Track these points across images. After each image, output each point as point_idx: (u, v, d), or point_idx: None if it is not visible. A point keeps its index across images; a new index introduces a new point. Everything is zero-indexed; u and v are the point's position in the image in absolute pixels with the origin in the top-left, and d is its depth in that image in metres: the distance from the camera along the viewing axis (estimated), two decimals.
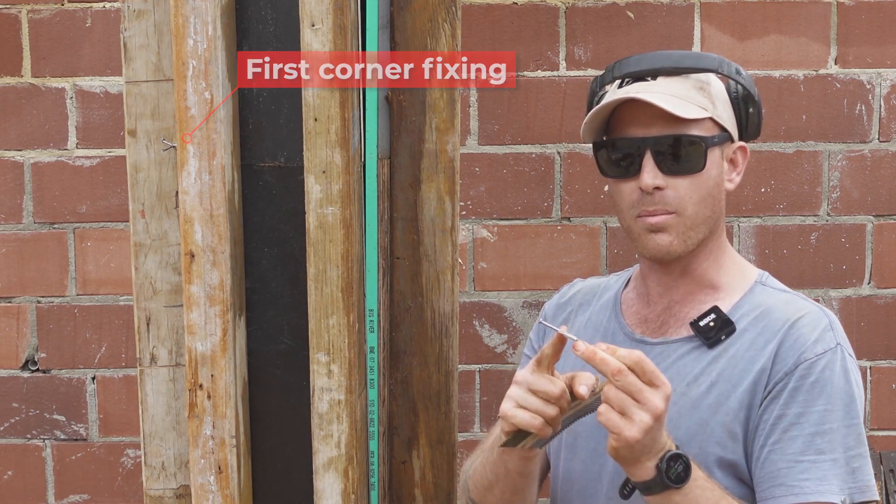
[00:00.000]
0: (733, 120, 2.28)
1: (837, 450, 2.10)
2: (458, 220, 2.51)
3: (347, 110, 2.21)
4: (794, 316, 2.19)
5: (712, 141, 2.23)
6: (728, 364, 2.19)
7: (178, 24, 2.18)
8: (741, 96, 2.29)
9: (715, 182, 2.25)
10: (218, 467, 2.29)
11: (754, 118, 2.30)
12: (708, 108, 2.23)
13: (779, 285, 2.30)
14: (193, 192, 2.22)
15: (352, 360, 2.28)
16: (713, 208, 2.25)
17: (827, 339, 2.16)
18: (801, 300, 2.25)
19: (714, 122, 2.24)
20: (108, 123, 3.82)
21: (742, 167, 2.31)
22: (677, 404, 2.16)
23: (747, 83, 2.28)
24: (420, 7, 2.43)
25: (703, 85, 2.26)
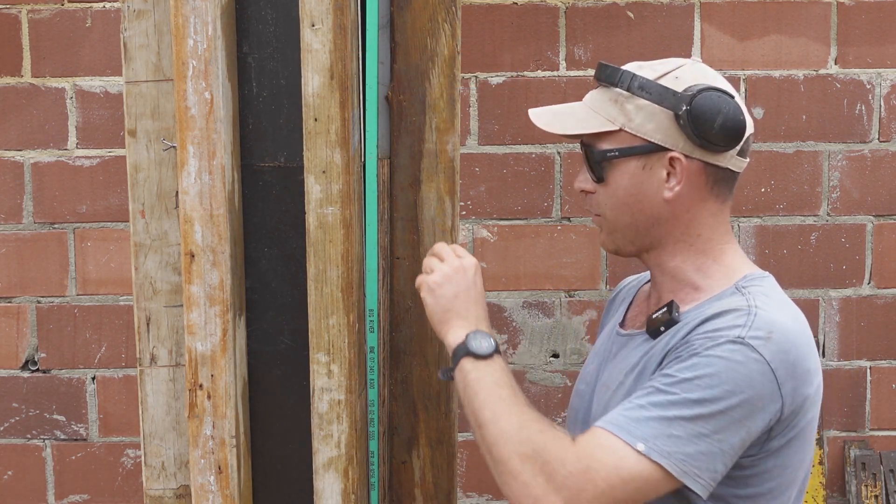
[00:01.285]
0: (675, 130, 2.20)
1: (669, 412, 2.05)
2: (458, 220, 2.51)
3: (347, 110, 2.21)
4: (717, 311, 2.17)
5: (612, 154, 2.23)
6: (654, 353, 2.22)
7: (178, 24, 2.18)
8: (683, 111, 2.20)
9: (628, 192, 2.24)
10: (218, 467, 2.29)
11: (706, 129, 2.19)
12: (616, 121, 2.22)
13: (758, 292, 2.23)
14: (193, 192, 2.22)
15: (352, 360, 2.28)
16: (635, 216, 2.25)
17: (731, 332, 2.10)
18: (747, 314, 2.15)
19: (629, 133, 2.22)
20: (108, 123, 3.82)
21: (682, 176, 2.21)
22: (616, 393, 2.25)
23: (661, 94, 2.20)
24: (420, 7, 2.43)
25: (619, 97, 2.23)
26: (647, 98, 2.21)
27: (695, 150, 2.21)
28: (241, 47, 2.26)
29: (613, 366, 2.31)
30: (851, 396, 3.96)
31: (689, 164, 2.21)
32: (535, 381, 3.91)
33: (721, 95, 2.19)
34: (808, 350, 2.15)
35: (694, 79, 2.21)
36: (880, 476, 3.92)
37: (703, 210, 2.25)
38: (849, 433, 3.99)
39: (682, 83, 2.20)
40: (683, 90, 2.19)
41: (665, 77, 2.21)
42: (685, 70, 2.23)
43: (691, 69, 2.24)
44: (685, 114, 2.18)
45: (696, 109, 2.18)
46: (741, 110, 2.19)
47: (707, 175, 2.23)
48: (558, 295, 3.90)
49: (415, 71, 2.45)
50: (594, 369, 2.39)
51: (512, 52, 3.83)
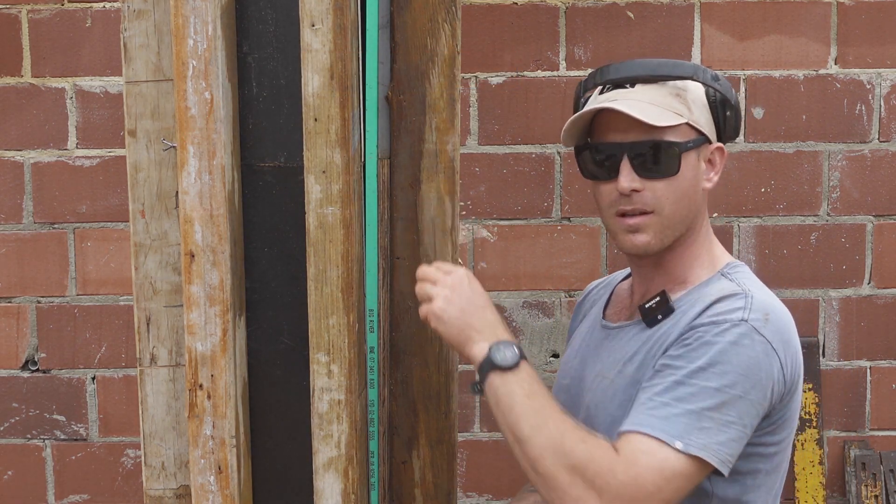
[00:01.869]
0: (711, 123, 2.35)
1: (695, 404, 2.11)
2: (459, 220, 2.51)
3: (347, 110, 2.21)
4: (716, 296, 2.23)
5: (687, 146, 2.29)
6: (656, 342, 2.25)
7: (178, 24, 2.18)
8: (718, 101, 2.35)
9: (690, 183, 2.31)
10: (218, 467, 2.29)
11: (731, 121, 2.36)
12: (683, 114, 2.30)
13: (742, 277, 2.32)
14: (193, 192, 2.22)
15: (352, 360, 2.28)
16: (689, 207, 2.32)
17: (734, 315, 2.18)
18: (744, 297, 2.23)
19: (690, 126, 2.31)
20: (108, 123, 3.82)
21: (720, 167, 2.36)
22: (615, 382, 2.28)
23: (724, 88, 2.36)
24: (420, 7, 2.43)
25: (680, 91, 2.33)
26: (719, 89, 2.34)
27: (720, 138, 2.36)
28: (241, 47, 2.26)
29: (606, 356, 2.34)
30: (851, 396, 3.96)
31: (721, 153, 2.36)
32: None
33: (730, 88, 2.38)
34: (794, 330, 2.24)
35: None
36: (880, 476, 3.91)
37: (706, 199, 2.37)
38: (849, 433, 3.99)
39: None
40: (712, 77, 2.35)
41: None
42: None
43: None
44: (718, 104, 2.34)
45: (724, 98, 2.34)
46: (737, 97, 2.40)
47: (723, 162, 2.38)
48: (558, 295, 3.90)
49: (415, 71, 2.45)
50: (577, 364, 2.42)
51: (512, 52, 3.83)
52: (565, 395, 2.41)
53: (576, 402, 2.37)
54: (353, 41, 2.25)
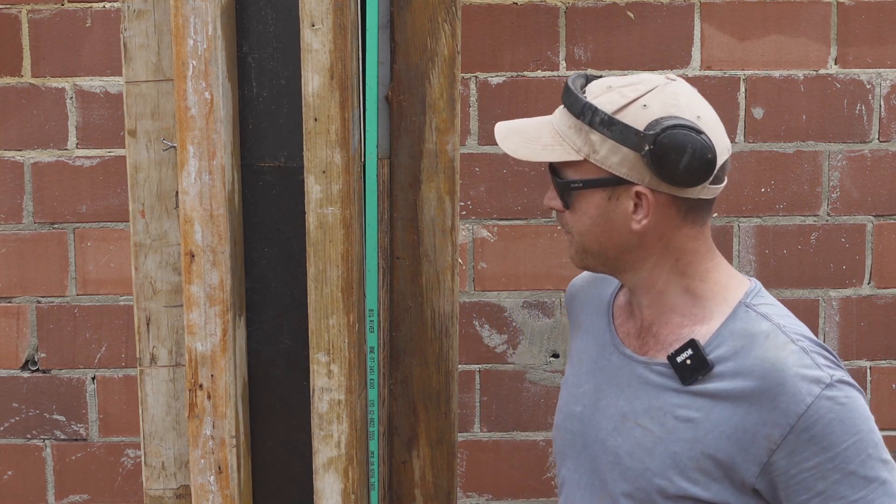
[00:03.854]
0: (640, 165, 2.13)
1: (880, 471, 2.09)
2: (458, 220, 2.51)
3: (347, 110, 2.21)
4: (775, 356, 2.13)
5: (577, 185, 2.18)
6: (706, 403, 2.16)
7: (178, 24, 2.18)
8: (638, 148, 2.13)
9: (594, 221, 2.19)
10: (218, 467, 2.29)
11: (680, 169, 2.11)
12: (582, 151, 2.16)
13: (766, 304, 2.22)
14: (193, 192, 2.22)
15: (352, 360, 2.28)
16: (602, 244, 2.21)
17: (817, 376, 2.09)
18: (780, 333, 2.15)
19: (594, 165, 2.15)
20: (108, 123, 3.82)
21: (648, 210, 2.15)
22: (653, 433, 2.19)
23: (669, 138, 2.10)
24: (420, 7, 2.43)
25: (582, 127, 2.16)
26: (608, 136, 2.13)
27: (661, 184, 2.14)
28: (241, 47, 2.26)
29: (633, 396, 2.24)
30: None
31: (657, 197, 2.15)
32: (535, 381, 3.91)
33: (687, 133, 2.09)
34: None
35: (663, 108, 2.12)
36: None
37: (679, 236, 2.20)
38: None
39: (648, 114, 2.12)
40: (646, 127, 2.10)
41: (631, 106, 2.13)
42: (655, 96, 2.14)
43: (662, 94, 2.14)
44: (648, 154, 2.11)
45: (660, 149, 2.10)
46: (709, 146, 2.10)
47: (678, 206, 2.17)
48: (558, 295, 3.89)
49: (415, 71, 2.46)
50: (591, 391, 2.31)
51: (512, 52, 3.83)
52: (577, 425, 2.31)
53: (589, 436, 2.29)
54: (353, 41, 2.25)
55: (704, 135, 2.11)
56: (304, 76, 2.20)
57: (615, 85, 2.17)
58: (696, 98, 2.18)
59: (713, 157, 2.11)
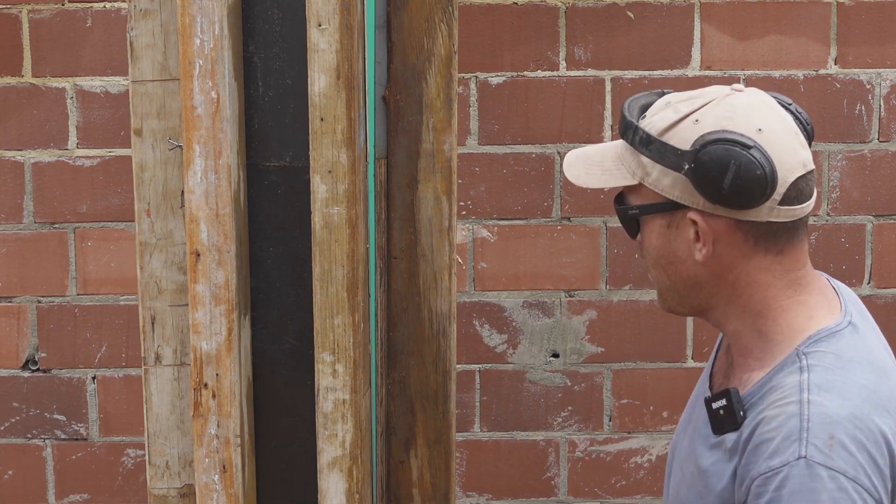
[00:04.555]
0: (691, 186, 1.98)
1: None
2: (456, 220, 2.52)
3: (354, 110, 2.21)
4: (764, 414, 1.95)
5: (634, 211, 2.07)
6: (721, 457, 2.03)
7: (185, 23, 2.18)
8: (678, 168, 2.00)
9: (658, 252, 2.07)
10: (222, 466, 2.30)
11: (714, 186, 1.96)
12: (636, 174, 2.04)
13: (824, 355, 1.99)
14: (199, 191, 2.23)
15: (357, 359, 2.28)
16: (671, 278, 2.07)
17: (789, 449, 1.88)
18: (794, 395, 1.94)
19: (650, 189, 2.03)
20: (108, 123, 3.82)
21: (706, 238, 2.00)
22: (684, 479, 2.12)
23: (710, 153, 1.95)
24: (417, 7, 2.44)
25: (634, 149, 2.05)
26: (648, 156, 2.02)
27: (717, 207, 1.98)
28: (248, 47, 2.26)
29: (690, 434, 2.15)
30: None
31: (715, 222, 1.99)
32: (535, 381, 3.92)
33: (730, 148, 1.93)
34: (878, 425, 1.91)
35: (715, 122, 1.97)
36: None
37: (749, 267, 2.02)
38: None
39: (697, 130, 1.97)
40: (691, 145, 1.96)
41: (683, 122, 1.99)
42: (710, 110, 1.99)
43: (718, 107, 1.99)
44: (689, 173, 1.96)
45: (701, 168, 1.95)
46: (757, 162, 1.92)
47: (744, 232, 2.00)
48: (558, 295, 3.90)
49: (411, 71, 2.46)
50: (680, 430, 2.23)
51: (512, 52, 3.84)
52: (670, 456, 2.26)
53: (670, 473, 2.23)
54: (359, 41, 2.25)
55: (756, 149, 1.93)
56: (311, 76, 2.20)
57: (673, 101, 2.04)
58: (761, 109, 2.01)
59: (764, 174, 1.92)
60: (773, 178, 1.93)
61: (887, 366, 2.02)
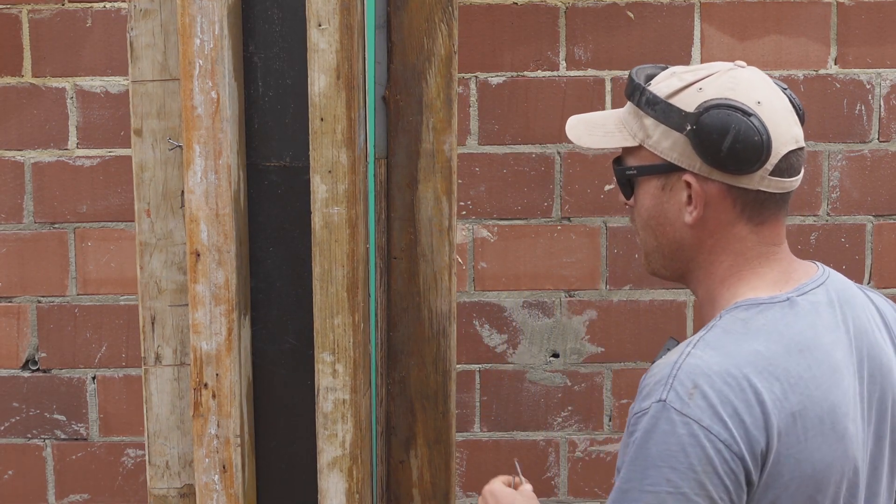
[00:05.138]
0: (690, 150, 2.06)
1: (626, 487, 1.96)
2: (456, 219, 2.52)
3: (354, 110, 2.21)
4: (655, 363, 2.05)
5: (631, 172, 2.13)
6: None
7: (185, 23, 2.18)
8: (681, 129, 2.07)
9: (650, 213, 2.13)
10: (222, 466, 2.30)
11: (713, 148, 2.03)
12: (637, 136, 2.11)
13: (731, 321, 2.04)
14: (199, 191, 2.23)
15: (357, 359, 2.28)
16: (658, 239, 2.14)
17: (654, 393, 1.97)
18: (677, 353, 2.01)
19: (649, 151, 2.11)
20: (108, 123, 3.82)
21: (699, 200, 2.06)
22: None
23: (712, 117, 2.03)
24: (417, 7, 2.44)
25: (638, 111, 2.13)
26: (653, 116, 2.08)
27: (712, 171, 2.05)
28: (248, 47, 2.26)
29: None
30: None
31: (708, 186, 2.06)
32: (535, 381, 3.92)
33: (731, 113, 2.02)
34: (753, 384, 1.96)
35: (718, 91, 2.05)
36: None
37: (729, 235, 2.09)
38: None
39: (700, 97, 2.05)
40: (694, 108, 2.04)
41: (687, 89, 2.07)
42: (714, 80, 2.07)
43: (722, 78, 2.07)
44: (691, 134, 2.04)
45: (702, 129, 2.03)
46: (756, 128, 2.00)
47: (733, 198, 2.07)
48: (558, 295, 3.90)
49: (411, 71, 2.46)
50: None
51: (512, 52, 3.84)
52: None
53: None
54: (359, 41, 2.25)
55: (756, 117, 2.02)
56: (311, 76, 2.20)
57: (678, 71, 2.12)
58: (761, 85, 2.09)
59: (761, 141, 2.01)
60: (769, 147, 2.02)
61: (809, 346, 2.04)
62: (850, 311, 2.12)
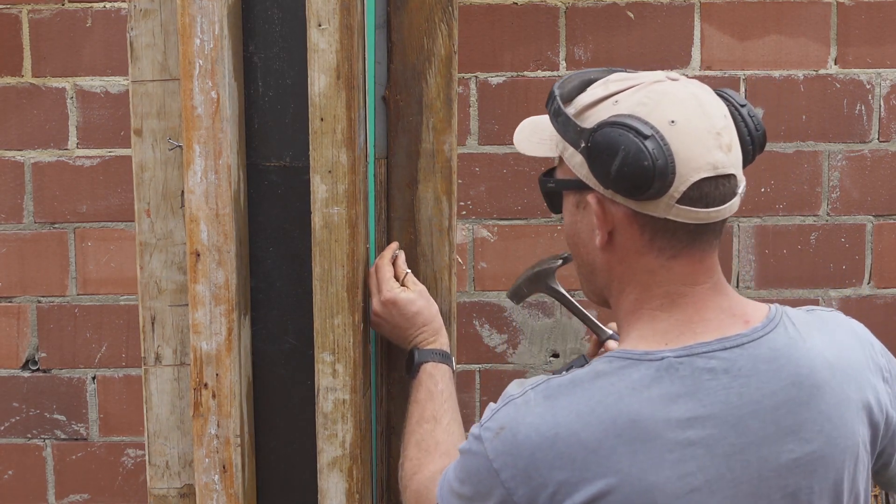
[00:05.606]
0: (586, 166, 1.92)
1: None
2: (456, 220, 2.52)
3: (354, 110, 2.21)
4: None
5: (551, 185, 2.01)
6: None
7: (185, 23, 2.18)
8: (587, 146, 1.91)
9: (568, 231, 2.01)
10: (222, 466, 2.30)
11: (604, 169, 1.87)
12: (559, 147, 1.97)
13: (587, 372, 1.91)
14: (199, 191, 2.22)
15: (357, 359, 2.28)
16: (577, 259, 2.02)
17: (488, 411, 1.95)
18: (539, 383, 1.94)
19: (566, 165, 1.96)
20: (108, 123, 3.82)
21: (602, 222, 1.92)
22: None
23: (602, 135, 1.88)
24: (416, 7, 2.44)
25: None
26: (555, 128, 1.96)
27: (615, 194, 1.89)
28: (248, 47, 2.26)
29: None
30: None
31: (615, 209, 1.91)
32: None
33: (623, 133, 1.85)
34: (561, 457, 1.85)
35: (631, 106, 1.88)
36: None
37: (637, 265, 1.93)
38: None
39: (613, 110, 1.90)
40: (592, 125, 1.89)
41: (605, 101, 1.92)
42: (634, 93, 1.90)
43: (639, 93, 1.90)
44: (585, 152, 1.89)
45: (594, 149, 1.88)
46: (646, 152, 1.82)
47: (640, 224, 1.90)
48: None
49: (411, 71, 2.46)
50: None
51: (512, 52, 3.84)
52: None
53: None
54: (359, 41, 2.25)
55: (654, 140, 1.84)
56: (311, 76, 2.20)
57: (614, 78, 1.96)
58: (683, 102, 1.89)
59: (651, 166, 1.82)
60: (664, 173, 1.83)
61: (643, 419, 1.85)
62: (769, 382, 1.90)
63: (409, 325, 2.39)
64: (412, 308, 2.39)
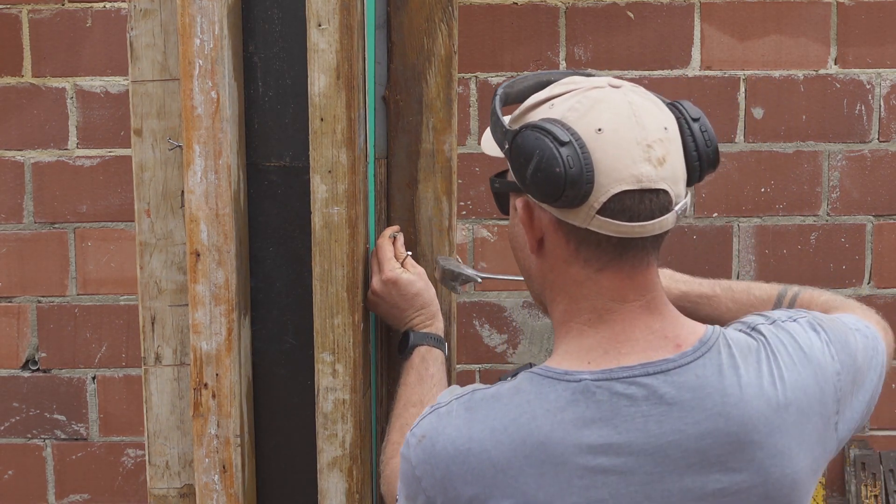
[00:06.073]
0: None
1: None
2: (456, 219, 2.52)
3: (354, 110, 2.21)
4: None
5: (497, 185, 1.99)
6: None
7: (185, 23, 2.18)
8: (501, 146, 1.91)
9: (509, 234, 1.99)
10: (222, 466, 2.29)
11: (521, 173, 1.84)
12: (503, 148, 1.92)
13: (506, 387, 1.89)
14: (199, 191, 2.22)
15: (357, 359, 2.28)
16: (517, 262, 1.98)
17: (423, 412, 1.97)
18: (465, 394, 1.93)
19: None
20: (108, 123, 3.82)
21: (528, 226, 1.89)
22: None
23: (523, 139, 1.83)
24: (416, 7, 2.44)
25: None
26: (490, 129, 1.95)
27: (541, 200, 1.84)
28: (247, 47, 2.26)
29: None
30: None
31: (542, 214, 1.86)
32: None
33: (540, 138, 1.79)
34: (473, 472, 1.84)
35: (562, 111, 1.83)
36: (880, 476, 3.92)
37: (566, 275, 1.88)
38: None
39: (547, 114, 1.85)
40: (518, 126, 1.86)
41: (543, 105, 1.87)
42: (569, 99, 1.85)
43: (573, 98, 1.84)
44: (507, 154, 1.87)
45: (513, 152, 1.85)
46: (560, 160, 1.77)
47: (565, 233, 1.85)
48: None
49: (411, 71, 2.46)
50: None
51: (512, 52, 3.84)
52: None
53: None
54: (359, 41, 2.25)
55: (571, 146, 1.78)
56: (311, 76, 2.19)
57: (563, 81, 1.91)
58: (616, 112, 1.82)
59: (563, 174, 1.77)
60: (578, 182, 1.78)
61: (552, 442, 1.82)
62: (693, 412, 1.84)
63: (408, 307, 2.38)
64: (412, 289, 2.37)
